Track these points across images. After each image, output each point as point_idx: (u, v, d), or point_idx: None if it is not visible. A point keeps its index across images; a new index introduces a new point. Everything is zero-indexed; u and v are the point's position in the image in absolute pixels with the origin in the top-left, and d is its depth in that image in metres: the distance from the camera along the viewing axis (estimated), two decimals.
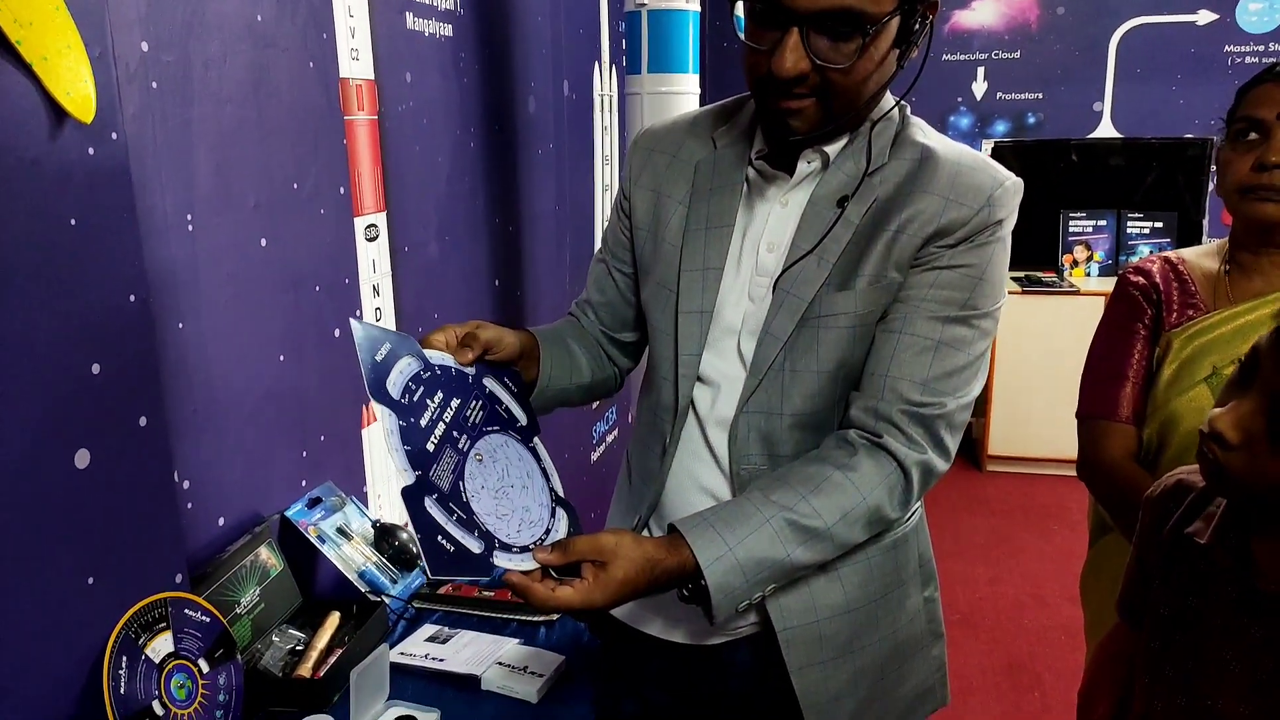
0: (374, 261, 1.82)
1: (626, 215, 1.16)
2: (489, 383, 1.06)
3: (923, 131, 1.05)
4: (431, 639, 1.47)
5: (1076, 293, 4.16)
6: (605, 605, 0.92)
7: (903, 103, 1.05)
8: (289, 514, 1.52)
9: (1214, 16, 4.27)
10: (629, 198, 1.15)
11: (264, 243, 1.48)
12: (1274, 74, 1.28)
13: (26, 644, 1.02)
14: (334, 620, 1.43)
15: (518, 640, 1.46)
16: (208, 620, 1.25)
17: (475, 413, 1.03)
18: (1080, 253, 4.44)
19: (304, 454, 1.61)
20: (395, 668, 1.36)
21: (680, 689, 1.17)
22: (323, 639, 1.39)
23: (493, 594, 1.59)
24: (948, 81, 4.59)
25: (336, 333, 1.69)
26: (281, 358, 1.54)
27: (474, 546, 0.94)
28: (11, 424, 1.01)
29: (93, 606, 1.11)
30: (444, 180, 2.08)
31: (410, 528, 0.93)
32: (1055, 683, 2.73)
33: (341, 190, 1.69)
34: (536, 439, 1.10)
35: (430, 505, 0.93)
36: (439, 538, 0.92)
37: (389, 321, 1.89)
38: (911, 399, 0.99)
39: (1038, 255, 4.41)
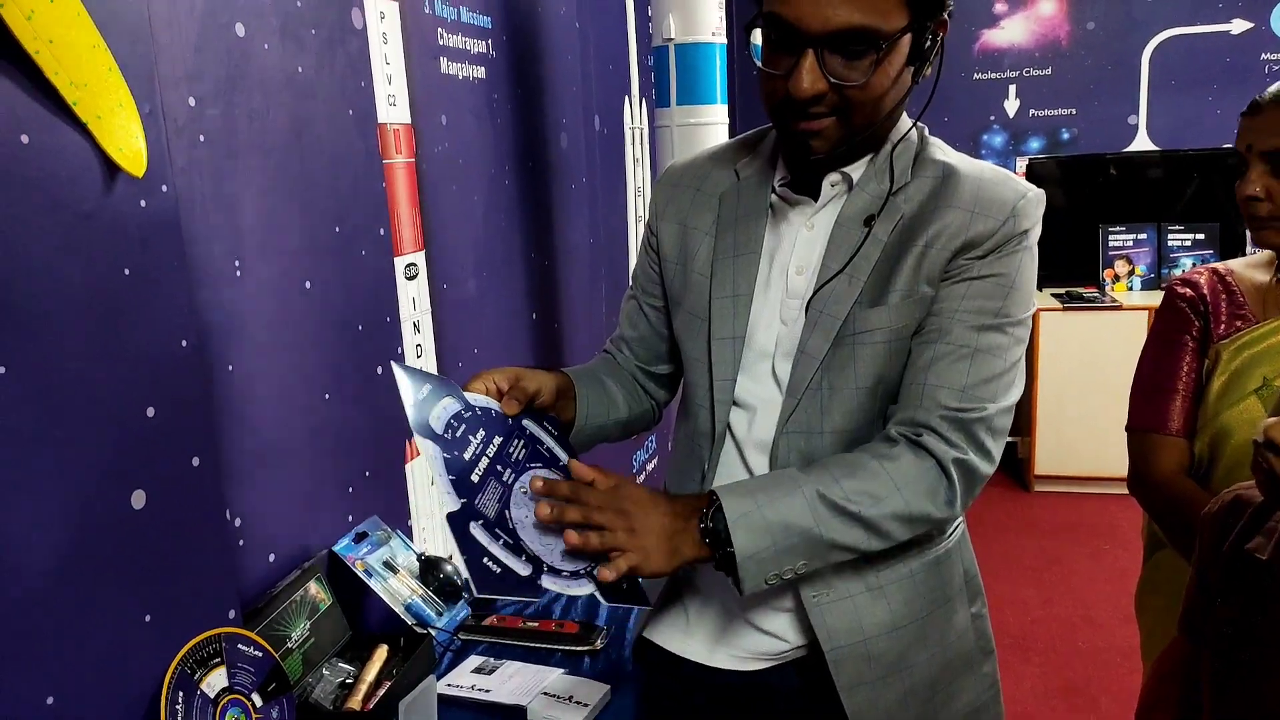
0: (414, 299, 1.87)
1: (654, 250, 1.18)
2: (529, 424, 1.07)
3: (942, 150, 1.07)
4: (478, 670, 1.49)
5: (1119, 307, 4.10)
6: (636, 520, 0.95)
7: (920, 124, 1.07)
8: (336, 549, 1.55)
9: (1248, 25, 4.23)
10: (655, 233, 1.18)
11: (308, 285, 1.52)
12: (1252, 106, 1.28)
13: (87, 679, 1.05)
14: (382, 653, 1.45)
15: (563, 670, 1.47)
16: (260, 655, 1.28)
17: (518, 450, 1.05)
18: (1122, 267, 4.39)
19: (350, 490, 1.65)
20: (442, 699, 1.38)
21: (726, 717, 1.17)
22: (371, 671, 1.41)
23: (537, 624, 1.60)
24: (980, 100, 4.59)
25: (379, 370, 1.73)
26: (327, 396, 1.58)
27: (521, 569, 0.96)
28: (71, 466, 1.05)
29: (150, 642, 1.14)
30: (480, 218, 2.13)
31: (456, 556, 0.96)
32: (1111, 705, 2.67)
33: (381, 231, 1.74)
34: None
35: (476, 529, 0.96)
36: (485, 559, 0.95)
37: (429, 357, 1.92)
38: (950, 405, 1.00)
39: (1079, 271, 4.36)
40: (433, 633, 1.55)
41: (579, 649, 1.53)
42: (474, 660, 1.52)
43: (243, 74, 1.39)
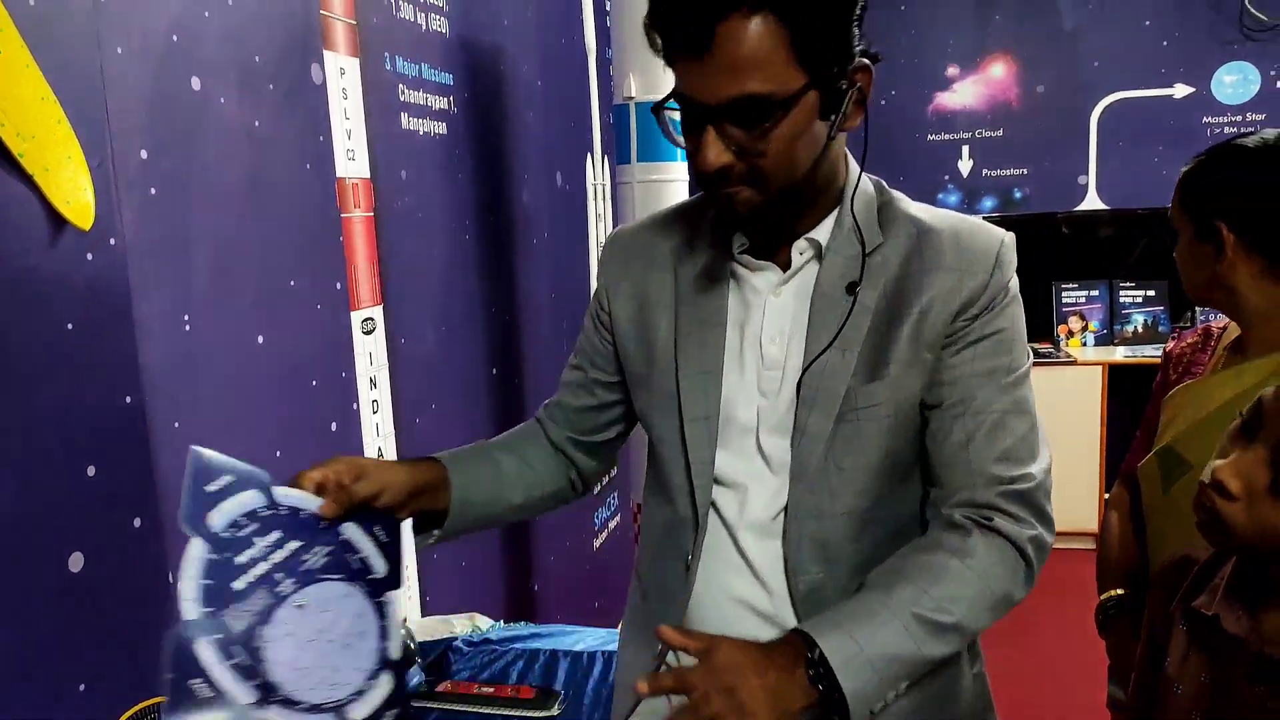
0: (371, 354, 1.84)
1: (606, 327, 1.13)
2: (348, 529, 0.97)
3: (904, 203, 1.05)
4: None
5: (1074, 363, 4.17)
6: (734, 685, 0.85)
7: (874, 178, 1.05)
8: None
9: (1190, 89, 4.38)
10: (608, 309, 1.12)
11: (261, 339, 1.50)
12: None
13: None
14: None
15: None
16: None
17: (317, 558, 0.95)
18: (1075, 323, 4.47)
19: None
20: None
21: None
22: None
23: (493, 690, 1.56)
24: (934, 160, 4.69)
25: (333, 427, 1.70)
26: (278, 454, 1.54)
27: (242, 695, 0.89)
28: (5, 526, 1.01)
29: (84, 712, 1.09)
30: (440, 272, 2.11)
31: (165, 670, 0.87)
32: None
33: (338, 285, 1.72)
34: (391, 594, 1.01)
35: (204, 645, 0.88)
36: (195, 680, 0.88)
37: (385, 412, 1.89)
38: (1003, 477, 0.97)
39: (1033, 327, 4.39)
40: None
41: (535, 715, 1.49)
42: None
43: (198, 127, 1.38)
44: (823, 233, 1.01)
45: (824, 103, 0.92)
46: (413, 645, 1.65)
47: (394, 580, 1.01)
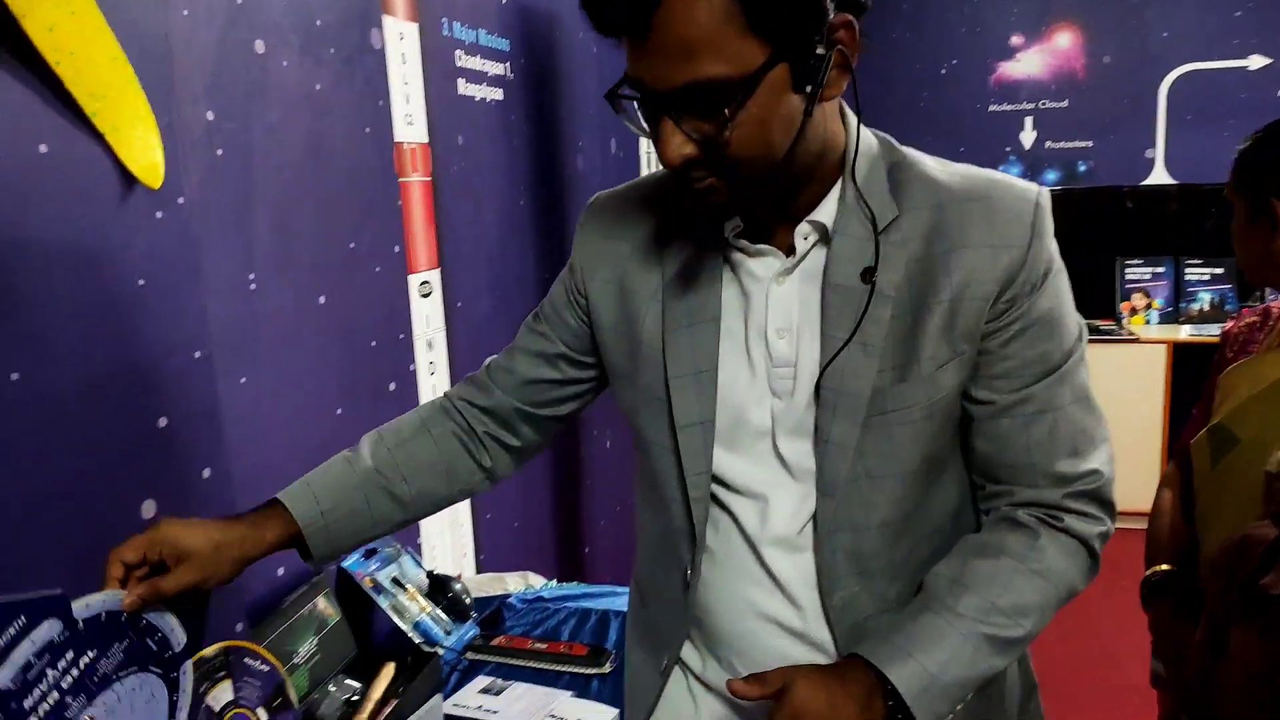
0: (428, 317, 1.87)
1: (583, 310, 1.00)
2: (150, 614, 0.93)
3: (919, 163, 0.90)
4: (485, 690, 1.47)
5: (1137, 340, 4.07)
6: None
7: (881, 136, 0.91)
8: (346, 565, 1.54)
9: (1266, 60, 4.22)
10: (585, 292, 0.99)
11: (322, 300, 1.53)
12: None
13: None
14: (389, 671, 1.44)
15: (571, 693, 1.45)
16: (266, 669, 1.27)
17: (112, 660, 0.92)
18: (1139, 300, 4.35)
19: None
20: (449, 719, 1.36)
21: None
22: (378, 689, 1.40)
23: (545, 646, 1.59)
24: (996, 131, 4.59)
25: (391, 387, 1.73)
26: (339, 412, 1.57)
27: None
28: (83, 475, 1.05)
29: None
30: (495, 237, 2.13)
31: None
32: None
33: (396, 249, 1.75)
34: (188, 663, 0.99)
35: None
36: None
37: (442, 375, 1.92)
38: (1070, 475, 0.89)
39: (1095, 304, 4.33)
40: (440, 651, 1.54)
41: (588, 671, 1.51)
42: (481, 680, 1.50)
43: (261, 89, 1.41)
44: (827, 212, 0.88)
45: (796, 74, 0.78)
46: (468, 600, 1.68)
47: (191, 647, 0.99)
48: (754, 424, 0.92)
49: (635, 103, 0.81)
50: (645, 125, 0.83)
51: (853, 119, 0.88)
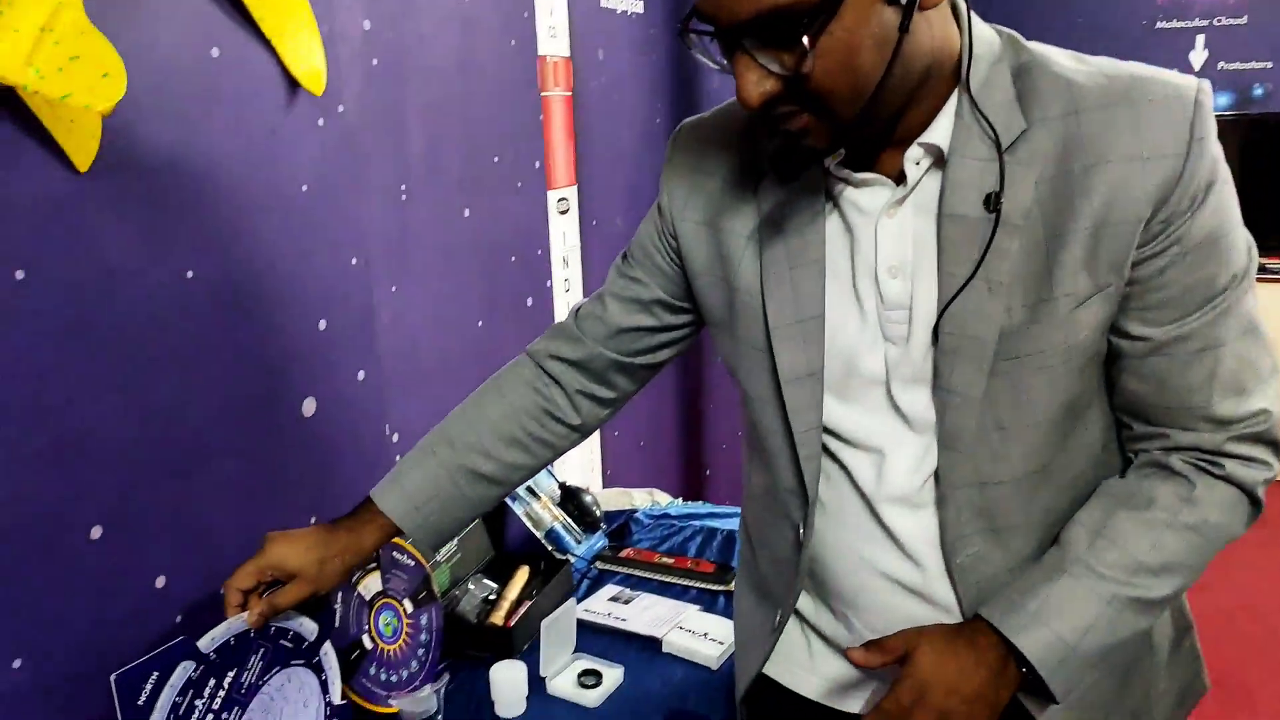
0: (564, 234, 1.88)
1: (674, 252, 0.92)
2: (275, 621, 1.01)
3: (1052, 60, 0.77)
4: (614, 599, 1.51)
5: None
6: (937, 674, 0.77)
7: (1006, 32, 0.79)
8: None
9: None
10: (675, 234, 0.91)
11: (467, 213, 1.55)
12: None
13: None
14: (524, 574, 1.49)
15: (698, 607, 1.48)
16: (412, 564, 1.33)
17: (254, 667, 1.01)
18: None
19: None
20: (580, 623, 1.41)
21: None
22: (513, 590, 1.45)
23: (673, 561, 1.61)
24: (1162, 51, 4.25)
25: (529, 302, 1.76)
26: (480, 324, 1.61)
27: None
28: (252, 371, 1.11)
29: None
30: (631, 156, 2.12)
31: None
32: (1270, 697, 2.51)
33: (537, 164, 1.75)
34: (326, 644, 1.07)
35: None
36: None
37: (576, 293, 1.94)
38: (1234, 418, 0.79)
39: (1268, 240, 4.02)
40: (571, 559, 1.58)
41: (714, 588, 1.53)
42: (610, 589, 1.55)
43: (412, 1, 1.41)
44: (940, 131, 0.77)
45: None
46: (598, 511, 1.72)
47: (323, 635, 1.06)
48: (867, 372, 0.83)
49: (710, 37, 0.73)
50: (723, 61, 0.74)
51: (966, 19, 0.76)
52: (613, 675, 1.30)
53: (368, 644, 1.21)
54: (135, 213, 0.94)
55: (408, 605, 1.30)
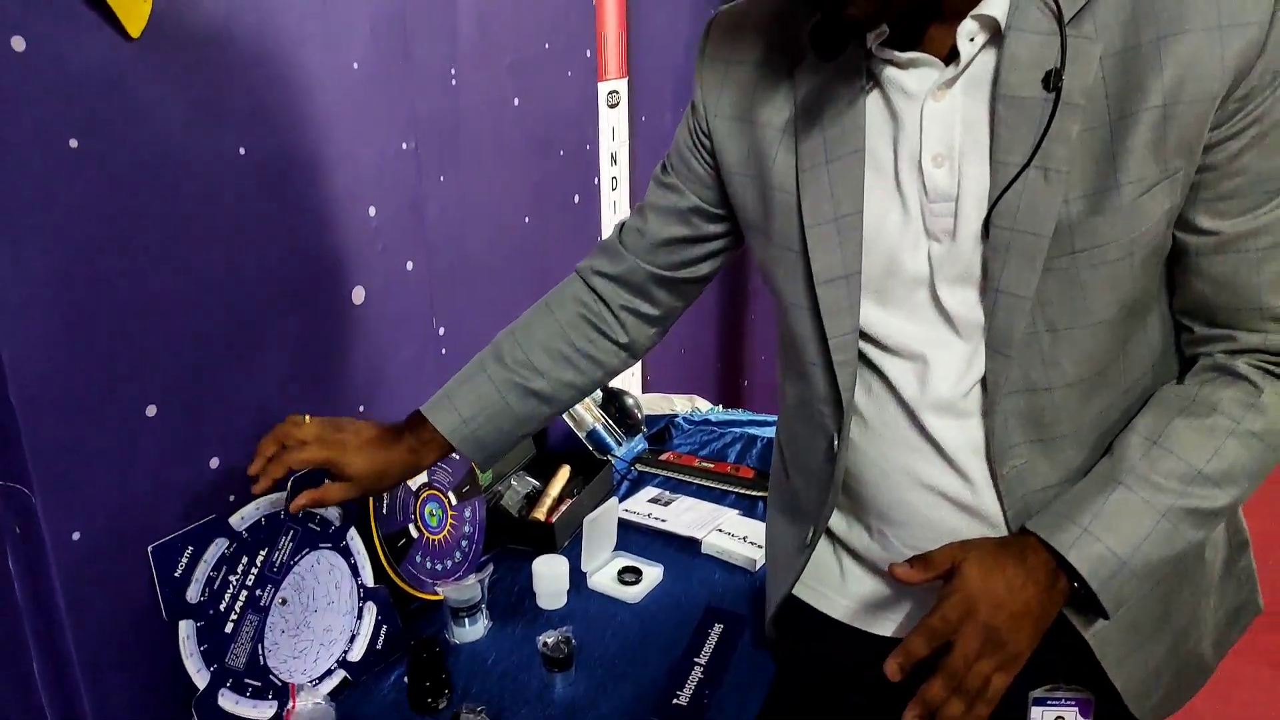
0: (614, 129, 1.83)
1: (708, 151, 0.88)
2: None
3: None
4: (654, 500, 1.51)
5: None
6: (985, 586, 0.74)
7: None
8: None
9: None
10: (708, 131, 0.86)
11: (516, 102, 1.50)
12: None
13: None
14: (565, 472, 1.50)
15: (737, 512, 1.48)
16: (457, 458, 1.33)
17: (284, 549, 1.06)
18: None
19: None
20: (620, 522, 1.41)
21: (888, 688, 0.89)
22: (555, 488, 1.46)
23: (712, 465, 1.61)
24: None
25: (576, 199, 1.72)
26: (526, 219, 1.58)
27: (265, 714, 1.01)
28: (301, 256, 1.09)
29: None
30: (683, 50, 2.04)
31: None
32: None
33: (588, 53, 1.69)
34: (351, 529, 1.12)
35: (224, 697, 0.99)
36: None
37: (623, 190, 1.89)
38: None
39: None
40: (612, 460, 1.58)
41: (753, 493, 1.53)
42: (651, 491, 1.55)
43: None
44: (997, 4, 0.71)
45: None
46: (639, 415, 1.72)
47: (348, 520, 1.11)
48: (908, 272, 0.78)
49: None
50: None
51: None
52: (653, 573, 1.31)
53: (414, 533, 1.23)
54: (187, 84, 0.91)
55: (452, 498, 1.31)
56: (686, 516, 1.46)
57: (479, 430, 0.95)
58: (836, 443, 0.85)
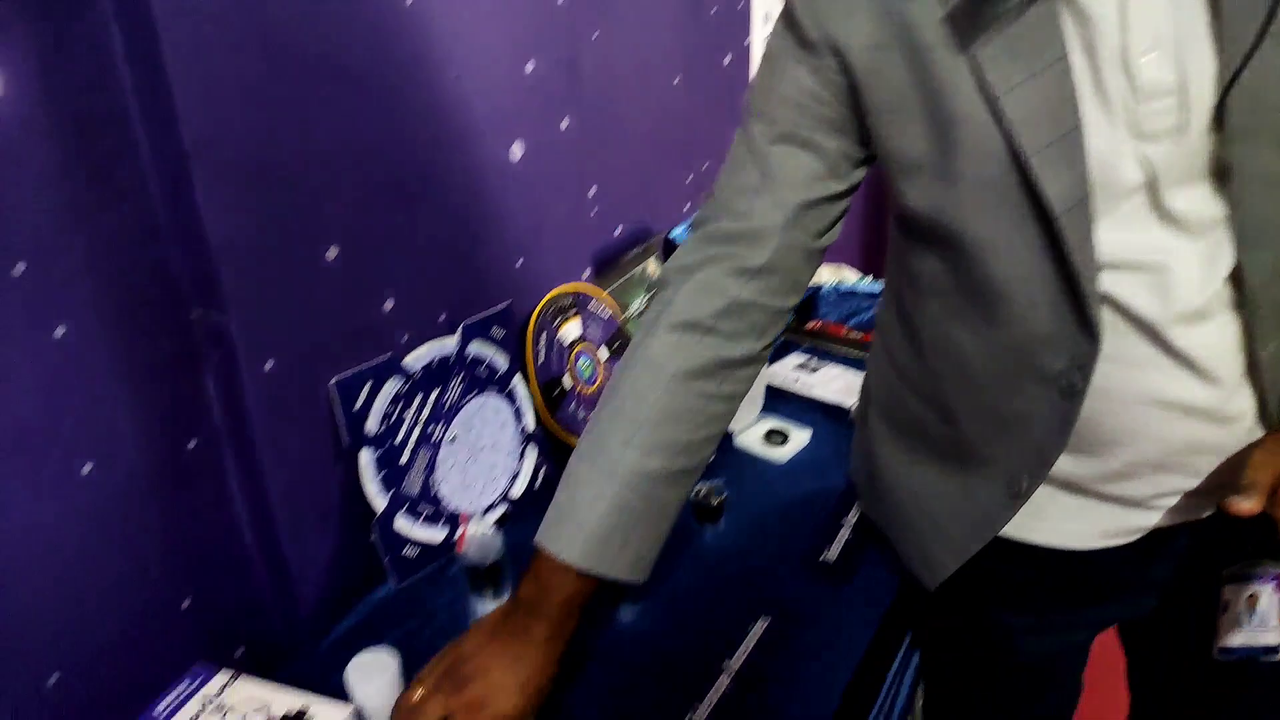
0: None
1: (842, 90, 0.76)
2: (473, 347, 1.14)
3: None
4: (800, 366, 1.51)
5: None
6: None
7: None
8: (673, 235, 1.59)
9: None
10: (846, 69, 0.74)
11: None
12: None
13: (473, 301, 1.17)
14: None
15: None
16: (607, 316, 1.36)
17: (454, 390, 1.12)
18: None
19: (689, 178, 1.66)
20: (767, 388, 1.42)
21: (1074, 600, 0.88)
22: None
23: (860, 335, 1.59)
24: None
25: (726, 62, 1.68)
26: (675, 81, 1.55)
27: (437, 537, 1.11)
28: (460, 109, 1.11)
29: (522, 283, 1.25)
30: None
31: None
32: None
33: None
34: (515, 378, 1.20)
35: (400, 520, 1.07)
36: (404, 550, 1.08)
37: None
38: None
39: None
40: None
41: None
42: (797, 357, 1.55)
43: None
44: None
45: None
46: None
47: (515, 365, 1.16)
48: (1125, 182, 0.70)
49: None
50: None
51: None
52: (800, 436, 1.32)
53: (567, 384, 1.27)
54: None
55: (602, 352, 1.35)
56: (834, 384, 1.46)
57: (628, 546, 0.82)
58: (1079, 382, 0.75)
